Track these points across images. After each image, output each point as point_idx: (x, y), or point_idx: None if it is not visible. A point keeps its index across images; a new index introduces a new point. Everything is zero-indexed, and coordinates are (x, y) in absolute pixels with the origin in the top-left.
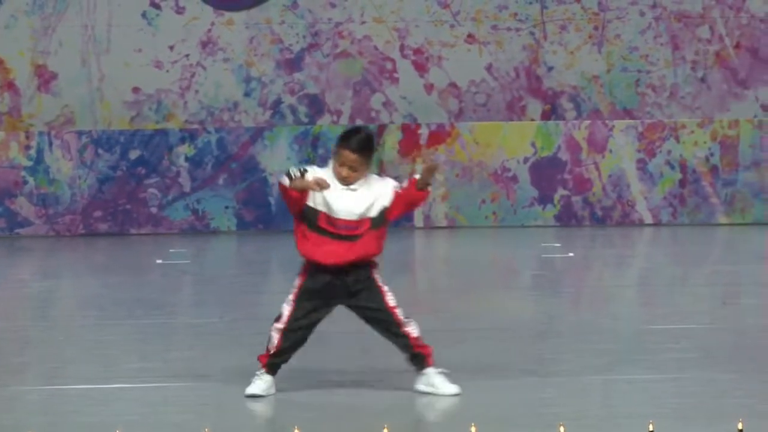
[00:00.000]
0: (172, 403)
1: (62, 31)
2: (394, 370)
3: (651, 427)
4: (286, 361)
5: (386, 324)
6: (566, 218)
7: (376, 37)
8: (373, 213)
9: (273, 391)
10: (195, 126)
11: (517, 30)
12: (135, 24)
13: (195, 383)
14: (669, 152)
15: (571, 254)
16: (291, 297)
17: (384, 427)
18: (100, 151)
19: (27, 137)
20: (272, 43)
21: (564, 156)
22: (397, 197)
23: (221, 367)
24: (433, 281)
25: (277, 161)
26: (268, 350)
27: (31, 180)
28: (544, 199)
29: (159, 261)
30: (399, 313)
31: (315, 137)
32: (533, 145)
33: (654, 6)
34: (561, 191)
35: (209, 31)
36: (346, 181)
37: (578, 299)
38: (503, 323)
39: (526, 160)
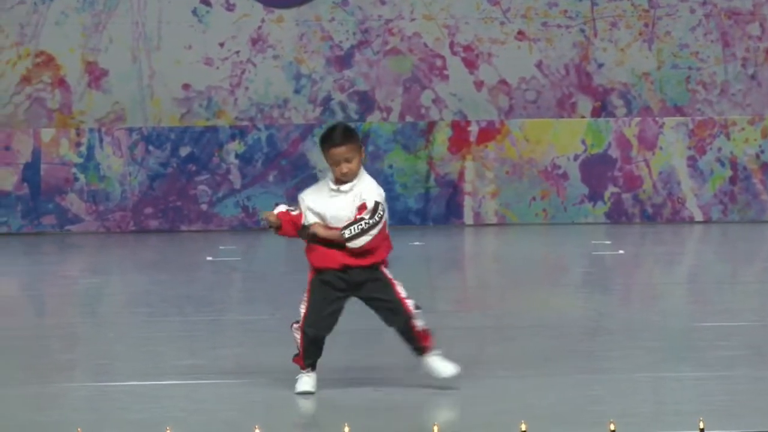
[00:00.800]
0: (221, 401)
1: (113, 28)
2: None
3: (701, 425)
4: (319, 354)
5: (395, 315)
6: (616, 215)
7: (426, 34)
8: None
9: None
10: (245, 123)
11: (567, 27)
12: (185, 21)
13: (244, 380)
14: (719, 149)
15: (621, 251)
16: (305, 295)
17: (434, 425)
18: (150, 147)
19: (77, 134)
20: (322, 39)
21: (614, 153)
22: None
23: (271, 365)
24: (483, 278)
25: None
26: (299, 351)
27: (81, 177)
28: (595, 197)
29: (209, 258)
30: (409, 304)
31: (365, 134)
32: (583, 142)
33: (704, 3)
34: (611, 188)
35: (259, 28)
36: (347, 177)
37: (628, 296)
38: (552, 320)
39: (576, 157)
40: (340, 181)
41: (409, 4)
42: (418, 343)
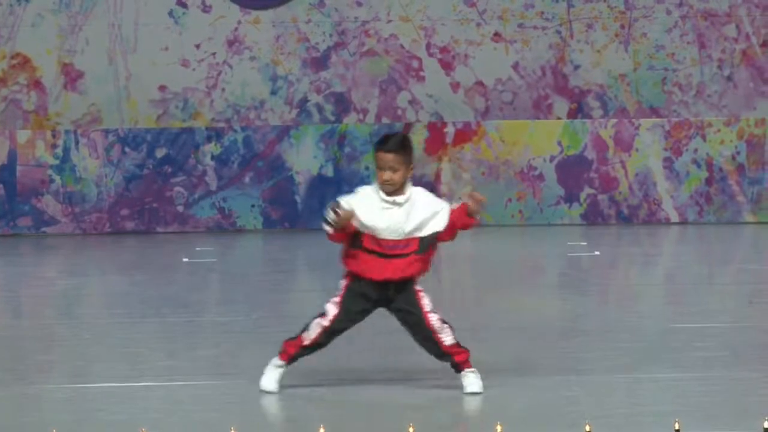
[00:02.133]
0: (198, 402)
1: (89, 30)
2: (419, 368)
3: (677, 426)
4: (311, 353)
5: (419, 328)
6: (592, 217)
7: (403, 36)
8: (424, 233)
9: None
10: (221, 124)
11: (544, 28)
12: (162, 22)
13: (221, 381)
14: (695, 151)
15: (597, 253)
16: (337, 299)
17: (410, 426)
18: (126, 149)
19: (53, 136)
20: (299, 41)
21: (590, 154)
22: (450, 223)
23: (248, 366)
24: (459, 279)
25: (304, 160)
26: (301, 340)
27: (57, 178)
28: (571, 198)
29: (185, 259)
30: (432, 318)
31: (341, 136)
32: (559, 143)
33: (680, 4)
34: (587, 190)
35: (236, 29)
36: (388, 184)
37: (604, 298)
38: (529, 322)
39: (552, 158)
40: (388, 191)
41: (386, 6)
42: (450, 359)
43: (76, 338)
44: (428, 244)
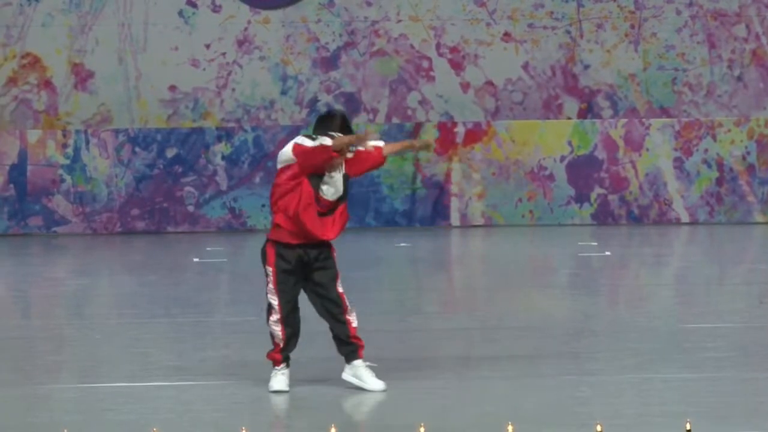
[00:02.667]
0: (207, 401)
1: (99, 30)
2: (428, 367)
3: (688, 426)
4: (295, 346)
5: (332, 306)
6: (603, 217)
7: (413, 36)
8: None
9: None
10: (231, 124)
11: (554, 28)
12: (172, 22)
13: (230, 381)
14: (706, 151)
15: (607, 253)
16: (271, 286)
17: (420, 426)
18: (136, 149)
19: (64, 135)
20: (308, 41)
21: (601, 154)
22: (351, 162)
23: (257, 366)
24: (470, 279)
25: None
26: (276, 345)
27: (68, 178)
28: (581, 198)
29: (196, 259)
30: (346, 300)
31: None
32: (570, 143)
33: (690, 4)
34: (598, 190)
35: (246, 29)
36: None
37: (614, 298)
38: (539, 321)
39: (562, 158)
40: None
41: (396, 6)
42: (350, 341)
43: (86, 338)
44: (347, 193)
